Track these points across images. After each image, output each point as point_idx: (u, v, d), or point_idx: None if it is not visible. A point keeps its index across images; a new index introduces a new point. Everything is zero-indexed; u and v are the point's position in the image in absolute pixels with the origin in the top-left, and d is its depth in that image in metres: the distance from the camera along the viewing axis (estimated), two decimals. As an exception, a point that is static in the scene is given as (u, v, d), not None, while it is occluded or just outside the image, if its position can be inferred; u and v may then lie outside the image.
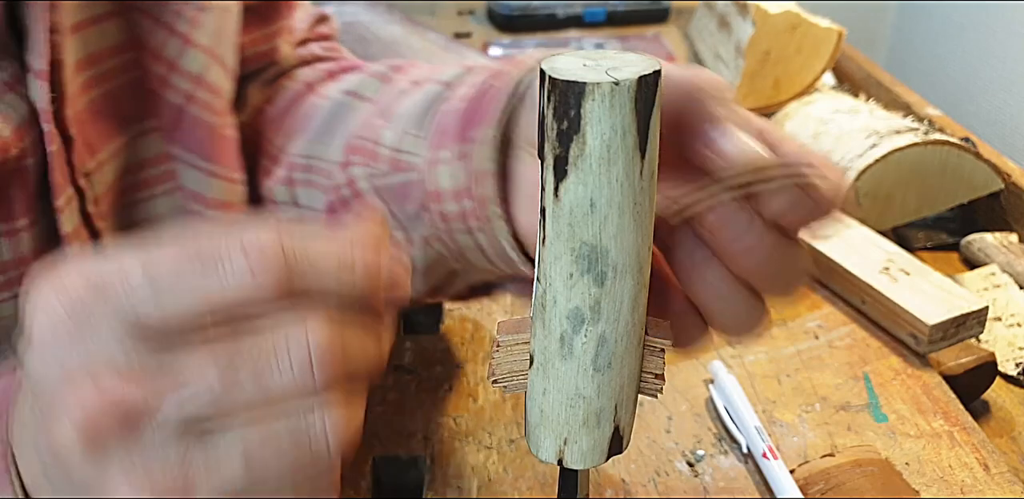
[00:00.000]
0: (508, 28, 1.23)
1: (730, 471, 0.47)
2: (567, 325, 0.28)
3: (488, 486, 0.46)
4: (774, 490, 0.44)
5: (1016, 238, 0.67)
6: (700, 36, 1.11)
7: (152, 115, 0.50)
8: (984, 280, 0.63)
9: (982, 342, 0.58)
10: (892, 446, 0.48)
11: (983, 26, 1.06)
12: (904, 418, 0.50)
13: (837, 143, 0.74)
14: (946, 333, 0.54)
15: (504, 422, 0.51)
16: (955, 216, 0.74)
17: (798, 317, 0.60)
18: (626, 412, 0.30)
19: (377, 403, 0.53)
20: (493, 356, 0.31)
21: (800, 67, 0.87)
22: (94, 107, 0.46)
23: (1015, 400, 0.54)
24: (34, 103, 0.42)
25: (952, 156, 0.69)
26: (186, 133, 0.51)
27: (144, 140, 0.50)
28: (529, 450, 0.31)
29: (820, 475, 0.44)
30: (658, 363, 0.30)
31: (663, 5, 1.26)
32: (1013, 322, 0.59)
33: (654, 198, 0.28)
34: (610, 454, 0.31)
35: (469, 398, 0.53)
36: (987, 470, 0.46)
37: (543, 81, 0.26)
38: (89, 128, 0.45)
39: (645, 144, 0.26)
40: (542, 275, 0.28)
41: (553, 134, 0.26)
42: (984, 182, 0.70)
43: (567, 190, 0.26)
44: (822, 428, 0.49)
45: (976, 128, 0.98)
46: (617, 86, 0.25)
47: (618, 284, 0.28)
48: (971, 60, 1.09)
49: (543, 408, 0.30)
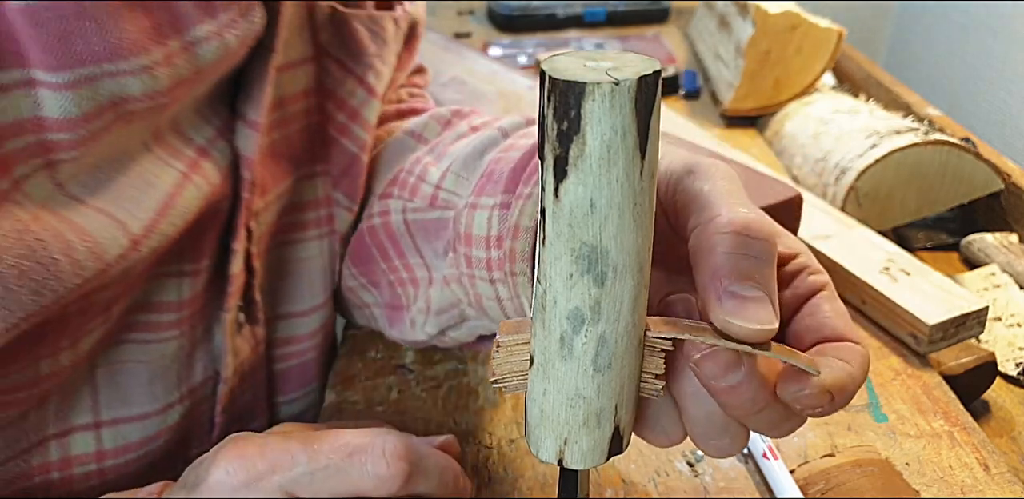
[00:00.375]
0: (508, 28, 1.23)
1: (730, 471, 0.47)
2: (567, 325, 0.28)
3: (488, 486, 0.46)
4: (774, 490, 0.44)
5: (1016, 238, 0.67)
6: (700, 36, 1.11)
7: (322, 159, 0.50)
8: (984, 280, 0.63)
9: (982, 342, 0.58)
10: (892, 446, 0.48)
11: (983, 26, 1.06)
12: (904, 418, 0.50)
13: (837, 143, 0.74)
14: (946, 333, 0.54)
15: (504, 422, 0.51)
16: (955, 216, 0.74)
17: (798, 317, 0.60)
18: (626, 412, 0.30)
19: (377, 403, 0.53)
20: (493, 356, 0.31)
21: (800, 67, 0.87)
22: (273, 149, 0.46)
23: (1015, 400, 0.54)
24: (238, 149, 0.43)
25: (952, 156, 0.69)
26: (353, 179, 0.51)
27: (308, 183, 0.50)
28: (529, 450, 0.31)
29: (820, 475, 0.44)
30: (658, 363, 0.30)
31: (663, 5, 1.26)
32: (1013, 322, 0.59)
33: (654, 198, 0.28)
34: (610, 454, 0.31)
35: (469, 398, 0.53)
36: (987, 470, 0.46)
37: (543, 81, 0.26)
38: (264, 169, 0.46)
39: (645, 144, 0.26)
40: (542, 275, 0.28)
41: (553, 134, 0.26)
42: (984, 182, 0.70)
43: (567, 190, 0.26)
44: (822, 428, 0.49)
45: (976, 128, 0.98)
46: (617, 86, 0.25)
47: (618, 284, 0.28)
48: (971, 60, 1.09)
49: (543, 408, 0.30)
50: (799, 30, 0.85)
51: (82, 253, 0.35)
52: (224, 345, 0.46)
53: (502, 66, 0.97)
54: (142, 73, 0.35)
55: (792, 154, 0.80)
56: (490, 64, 0.97)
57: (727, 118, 0.92)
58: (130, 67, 0.34)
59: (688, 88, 0.99)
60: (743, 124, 0.91)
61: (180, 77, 0.37)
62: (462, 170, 0.46)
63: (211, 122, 0.43)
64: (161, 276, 0.42)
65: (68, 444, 0.41)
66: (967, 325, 0.55)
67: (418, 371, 0.56)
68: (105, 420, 0.42)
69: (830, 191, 0.71)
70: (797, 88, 0.88)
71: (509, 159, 0.41)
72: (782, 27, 0.85)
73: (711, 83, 0.98)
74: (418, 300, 0.47)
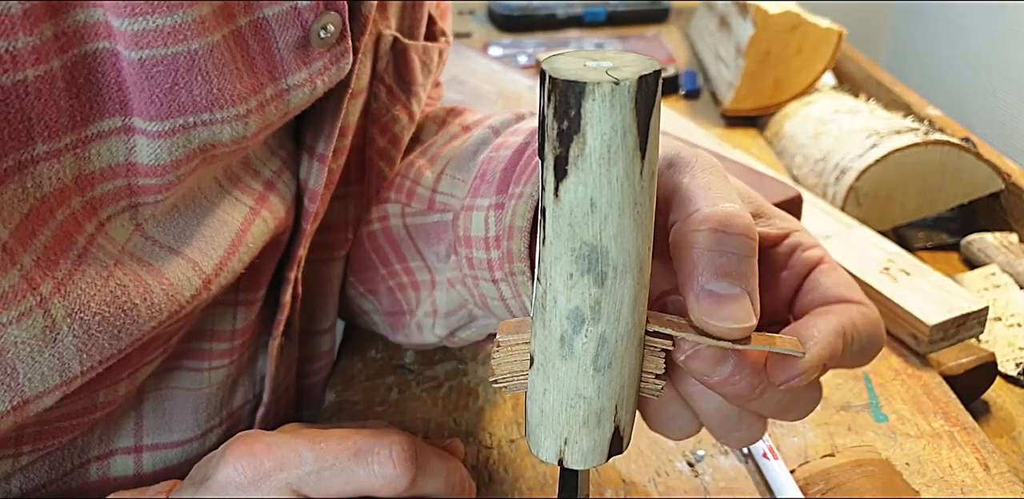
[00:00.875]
0: (508, 28, 1.23)
1: (730, 471, 0.47)
2: (567, 325, 0.28)
3: (488, 486, 0.46)
4: (774, 490, 0.44)
5: (1016, 238, 0.67)
6: (700, 36, 1.11)
7: (357, 181, 0.50)
8: (984, 280, 0.63)
9: (982, 342, 0.58)
10: (892, 446, 0.48)
11: (983, 26, 1.06)
12: (904, 418, 0.50)
13: (837, 143, 0.74)
14: (946, 333, 0.54)
15: (504, 422, 0.51)
16: (955, 216, 0.74)
17: (798, 317, 0.60)
18: (626, 412, 0.30)
19: (377, 403, 0.53)
20: (493, 356, 0.31)
21: (800, 67, 0.87)
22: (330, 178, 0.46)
23: (1015, 400, 0.54)
24: (305, 182, 0.43)
25: (952, 156, 0.69)
26: (381, 199, 0.51)
27: (339, 204, 0.50)
28: (529, 450, 0.31)
29: (820, 475, 0.44)
30: (658, 363, 0.30)
31: (663, 5, 1.26)
32: (1013, 322, 0.59)
33: (654, 198, 0.28)
34: (610, 454, 0.31)
35: (469, 398, 0.53)
36: (987, 470, 0.46)
37: (543, 81, 0.26)
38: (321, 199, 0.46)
39: (645, 144, 0.26)
40: (542, 275, 0.28)
41: (553, 134, 0.26)
42: (984, 182, 0.70)
43: (567, 190, 0.26)
44: (822, 428, 0.49)
45: (976, 128, 0.98)
46: (617, 86, 0.25)
47: (618, 284, 0.28)
48: (971, 60, 1.08)
49: (543, 408, 0.30)
50: (799, 30, 0.85)
51: (159, 296, 0.35)
52: (268, 371, 0.46)
53: (502, 66, 0.97)
54: (235, 121, 0.35)
55: (792, 154, 0.80)
56: (490, 64, 0.97)
57: (727, 118, 0.92)
58: (225, 116, 0.34)
59: (688, 88, 0.99)
60: (743, 124, 0.91)
61: (269, 123, 0.37)
62: (456, 172, 0.46)
63: (278, 154, 0.43)
64: (218, 305, 0.42)
65: (108, 466, 0.41)
66: (967, 325, 0.55)
67: (418, 371, 0.56)
68: (147, 445, 0.42)
69: (830, 191, 0.71)
70: (797, 88, 0.88)
71: (500, 158, 0.41)
72: (782, 27, 0.85)
73: (711, 83, 0.98)
74: (423, 303, 0.47)
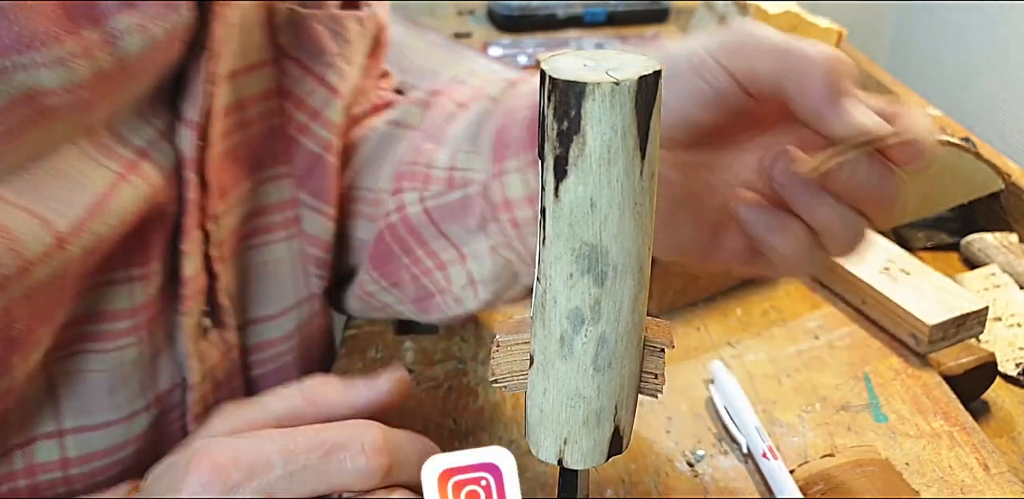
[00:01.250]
0: (508, 28, 1.23)
1: (730, 471, 0.47)
2: (567, 325, 0.28)
3: (488, 486, 0.46)
4: (774, 490, 0.44)
5: (1016, 238, 0.67)
6: (700, 36, 1.11)
7: (285, 161, 0.50)
8: (984, 280, 0.63)
9: (982, 342, 0.58)
10: (892, 446, 0.48)
11: (983, 26, 1.06)
12: (904, 418, 0.50)
13: (837, 143, 0.73)
14: (946, 333, 0.54)
15: (504, 422, 0.51)
16: (955, 216, 0.74)
17: (798, 317, 0.60)
18: (626, 412, 0.30)
19: (377, 403, 0.53)
20: (493, 356, 0.31)
21: (800, 67, 0.87)
22: (232, 152, 0.46)
23: (1015, 400, 0.54)
24: (181, 151, 0.43)
25: (952, 156, 0.69)
26: (318, 179, 0.51)
27: (272, 185, 0.50)
28: (529, 450, 0.31)
29: (820, 475, 0.44)
30: (658, 363, 0.30)
31: (663, 5, 1.26)
32: (1013, 322, 0.59)
33: (654, 198, 0.28)
34: (610, 454, 0.31)
35: (469, 398, 0.53)
36: (987, 470, 0.46)
37: (543, 81, 0.26)
38: (224, 173, 0.46)
39: (645, 144, 0.26)
40: (542, 275, 0.28)
41: (553, 134, 0.26)
42: (984, 182, 0.70)
43: (567, 190, 0.26)
44: (822, 428, 0.49)
45: (976, 128, 0.98)
46: (617, 86, 0.25)
47: (618, 284, 0.28)
48: (971, 60, 1.08)
49: (543, 408, 0.30)
50: (799, 30, 0.85)
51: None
52: (187, 350, 0.45)
53: (502, 66, 0.97)
54: (56, 65, 0.34)
55: (792, 154, 0.80)
56: (490, 64, 0.97)
57: (727, 118, 0.92)
58: (43, 59, 0.33)
59: (688, 88, 0.99)
60: (743, 124, 0.91)
61: (101, 70, 0.36)
62: (471, 146, 0.47)
63: (151, 123, 0.42)
64: (108, 283, 0.41)
65: (32, 452, 0.40)
66: (967, 325, 0.55)
67: (418, 371, 0.56)
68: (68, 428, 0.41)
69: (830, 191, 0.71)
70: (797, 88, 0.88)
71: (516, 122, 0.42)
72: (782, 27, 0.85)
73: (711, 83, 0.98)
74: (455, 279, 0.48)
